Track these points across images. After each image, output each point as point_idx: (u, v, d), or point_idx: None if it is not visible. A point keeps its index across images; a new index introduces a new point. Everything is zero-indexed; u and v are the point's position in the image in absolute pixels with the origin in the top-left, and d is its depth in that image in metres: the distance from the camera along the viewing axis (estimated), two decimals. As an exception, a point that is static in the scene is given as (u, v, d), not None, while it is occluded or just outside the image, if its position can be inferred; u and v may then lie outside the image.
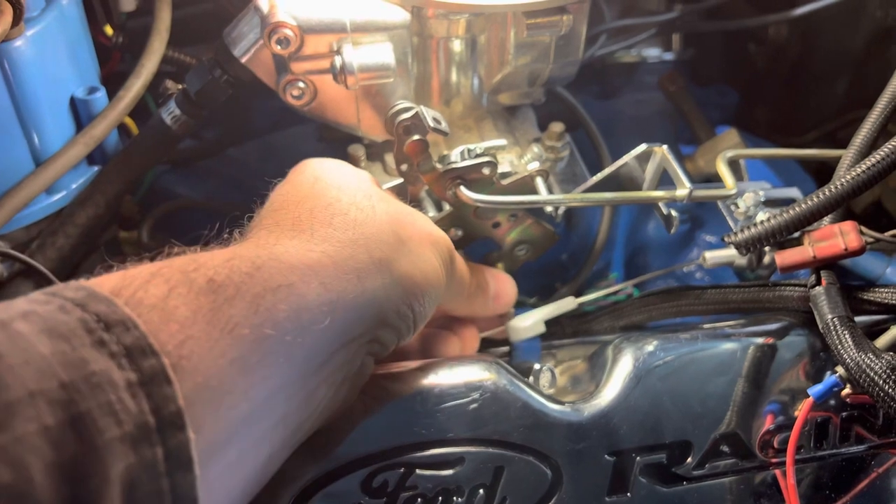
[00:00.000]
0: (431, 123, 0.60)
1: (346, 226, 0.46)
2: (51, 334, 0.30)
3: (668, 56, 0.98)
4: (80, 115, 0.67)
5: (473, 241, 0.67)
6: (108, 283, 0.34)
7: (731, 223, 0.65)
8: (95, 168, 0.69)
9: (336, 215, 0.46)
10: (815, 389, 0.52)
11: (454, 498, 0.50)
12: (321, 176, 0.49)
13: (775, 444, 0.54)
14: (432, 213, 0.66)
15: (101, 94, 0.67)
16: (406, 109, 0.60)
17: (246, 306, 0.36)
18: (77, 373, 0.30)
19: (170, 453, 0.31)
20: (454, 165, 0.61)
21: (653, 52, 0.97)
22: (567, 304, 0.68)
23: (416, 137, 0.59)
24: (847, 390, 0.51)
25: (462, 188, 0.61)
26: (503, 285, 0.64)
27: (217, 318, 0.35)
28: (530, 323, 0.66)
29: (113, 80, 0.70)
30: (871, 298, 0.55)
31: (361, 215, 0.47)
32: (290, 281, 0.39)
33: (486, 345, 0.68)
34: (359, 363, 0.46)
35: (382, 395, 0.50)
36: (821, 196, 0.55)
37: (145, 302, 0.34)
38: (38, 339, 0.30)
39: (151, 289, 0.34)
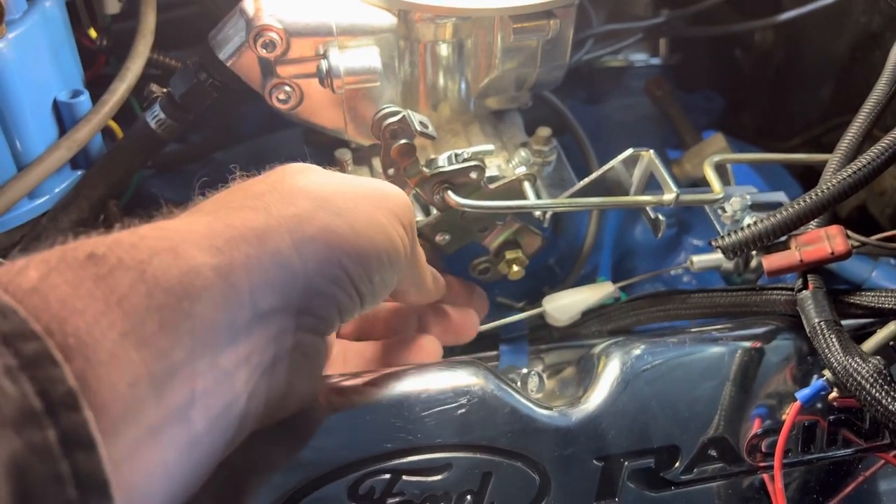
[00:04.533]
0: (418, 127, 0.59)
1: (248, 195, 0.42)
2: None
3: (655, 61, 0.98)
4: (64, 118, 0.66)
5: (461, 245, 0.67)
6: None
7: (717, 227, 0.65)
8: (79, 172, 0.69)
9: (245, 188, 0.43)
10: (803, 393, 0.52)
11: (441, 504, 0.49)
12: (276, 172, 0.46)
13: (763, 449, 0.54)
14: (420, 217, 0.66)
15: (85, 98, 0.66)
16: (393, 113, 0.60)
17: (131, 275, 0.33)
18: None
19: (65, 435, 0.29)
20: (441, 170, 0.61)
21: (639, 57, 0.98)
22: (605, 288, 0.68)
23: (402, 141, 0.59)
24: (834, 394, 0.51)
25: (449, 193, 0.61)
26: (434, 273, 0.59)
27: (100, 289, 0.33)
28: (569, 315, 0.66)
29: (97, 84, 0.69)
30: (858, 302, 0.55)
31: (267, 186, 0.43)
32: (174, 244, 0.36)
33: (475, 349, 0.68)
34: (290, 340, 0.41)
35: (368, 399, 0.50)
36: (807, 200, 0.55)
37: (23, 286, 0.31)
38: None
39: (29, 272, 0.32)
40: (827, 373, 0.51)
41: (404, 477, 0.49)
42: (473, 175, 0.61)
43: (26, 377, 0.29)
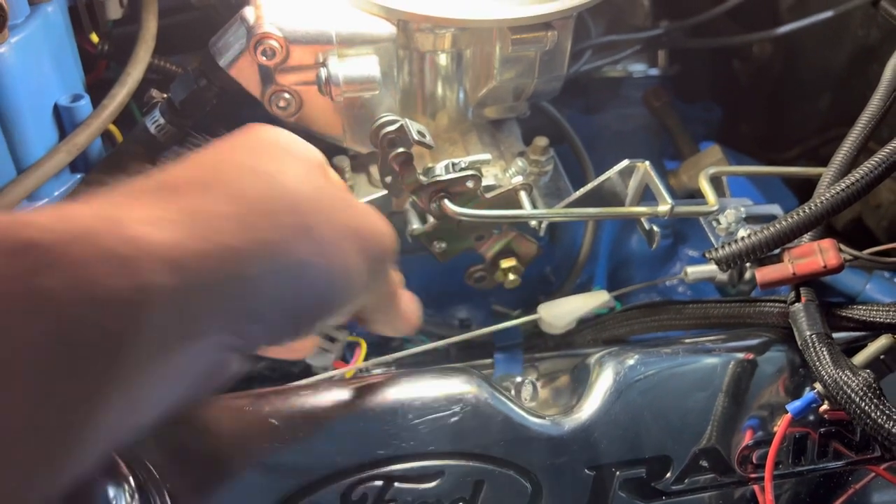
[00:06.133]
0: (416, 136, 0.60)
1: (232, 196, 0.37)
2: None
3: (654, 72, 0.99)
4: (64, 122, 0.66)
5: (457, 253, 0.67)
6: None
7: (712, 239, 0.65)
8: (78, 176, 0.69)
9: (222, 182, 0.38)
10: (794, 405, 0.52)
11: (433, 511, 0.50)
12: (251, 143, 0.43)
13: (754, 460, 0.55)
14: (416, 225, 0.66)
15: (86, 102, 0.66)
16: (391, 122, 0.60)
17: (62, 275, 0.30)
18: None
19: None
20: (439, 178, 0.61)
21: (638, 68, 0.98)
22: (600, 297, 0.68)
23: (400, 150, 0.60)
24: (825, 406, 0.52)
25: (446, 201, 0.61)
26: (411, 305, 0.52)
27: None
28: (564, 323, 0.66)
29: (98, 88, 0.70)
30: (850, 315, 0.55)
31: (261, 188, 0.39)
32: (125, 253, 0.32)
33: (470, 356, 0.68)
34: (213, 362, 0.37)
35: (361, 405, 0.50)
36: (801, 214, 0.55)
37: None
38: None
39: None
40: (818, 385, 0.52)
41: (396, 484, 0.49)
42: (470, 184, 0.62)
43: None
